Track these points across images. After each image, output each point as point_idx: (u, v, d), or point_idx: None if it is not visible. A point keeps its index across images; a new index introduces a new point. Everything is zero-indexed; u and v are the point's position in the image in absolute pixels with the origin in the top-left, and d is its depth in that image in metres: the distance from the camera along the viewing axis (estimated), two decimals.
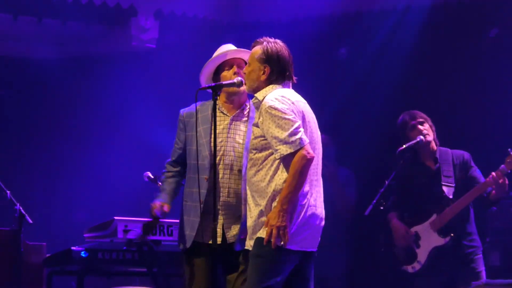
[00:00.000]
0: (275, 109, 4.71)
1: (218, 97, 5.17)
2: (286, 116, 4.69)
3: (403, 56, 8.51)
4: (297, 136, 4.67)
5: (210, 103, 5.29)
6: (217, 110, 5.20)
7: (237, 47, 5.40)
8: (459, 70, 8.57)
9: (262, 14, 9.29)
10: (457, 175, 6.52)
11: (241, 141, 5.23)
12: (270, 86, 4.88)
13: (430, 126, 6.63)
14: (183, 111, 5.41)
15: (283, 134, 4.67)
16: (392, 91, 8.59)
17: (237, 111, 5.31)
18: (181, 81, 8.37)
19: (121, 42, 9.36)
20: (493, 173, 6.26)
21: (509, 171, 6.28)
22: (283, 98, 4.77)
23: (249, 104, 5.34)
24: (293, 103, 4.79)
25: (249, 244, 4.84)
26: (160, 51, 9.33)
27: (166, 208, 5.35)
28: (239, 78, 5.12)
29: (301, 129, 4.72)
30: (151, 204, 5.40)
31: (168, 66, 9.28)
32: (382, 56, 8.69)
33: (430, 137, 6.60)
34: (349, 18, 9.02)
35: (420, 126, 6.59)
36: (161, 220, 6.35)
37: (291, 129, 4.67)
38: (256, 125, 4.82)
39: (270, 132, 4.71)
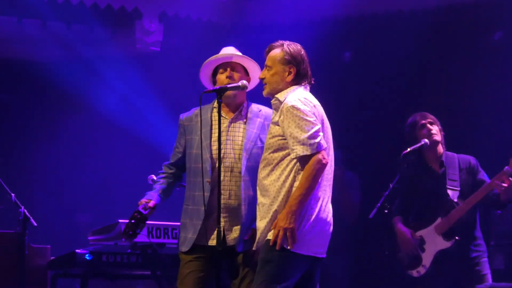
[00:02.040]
0: (298, 109, 4.70)
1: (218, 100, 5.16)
2: (308, 118, 4.69)
3: (408, 59, 8.51)
4: (316, 140, 4.66)
5: (209, 106, 5.33)
6: (215, 113, 5.24)
7: (241, 49, 5.41)
8: (463, 73, 8.57)
9: (266, 17, 9.30)
10: (463, 179, 6.50)
11: (240, 142, 5.23)
12: (291, 87, 4.88)
13: (440, 130, 6.62)
14: (183, 116, 5.42)
15: (302, 135, 4.66)
16: (396, 94, 8.59)
17: (235, 113, 5.31)
18: (185, 83, 8.38)
19: (126, 45, 9.37)
20: (496, 181, 6.24)
21: None
22: (306, 100, 4.77)
23: (246, 105, 5.35)
24: (314, 106, 4.80)
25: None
26: (165, 53, 9.33)
27: (151, 204, 5.28)
28: (244, 82, 5.12)
29: (321, 134, 4.71)
30: (138, 202, 5.34)
31: (173, 69, 9.28)
32: (387, 59, 8.68)
33: (438, 137, 6.58)
34: (353, 21, 9.02)
35: (429, 126, 6.57)
36: (165, 223, 6.38)
37: (311, 132, 4.67)
38: (276, 123, 4.80)
39: (289, 132, 4.70)
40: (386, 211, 6.58)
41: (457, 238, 6.36)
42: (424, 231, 6.51)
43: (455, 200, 6.42)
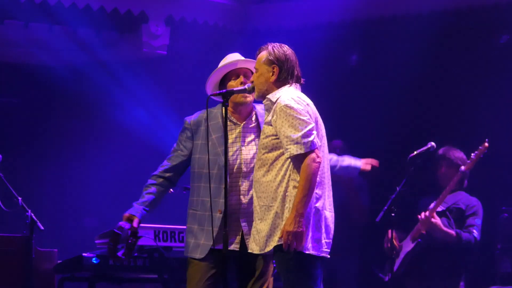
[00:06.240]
0: (291, 108, 4.70)
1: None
2: (301, 117, 4.69)
3: (414, 62, 8.50)
4: (310, 139, 4.66)
5: (217, 111, 5.26)
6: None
7: (247, 54, 5.36)
8: (469, 76, 8.57)
9: (272, 21, 9.30)
10: (451, 206, 6.64)
11: (255, 148, 5.21)
12: (282, 88, 4.86)
13: (455, 173, 6.76)
14: (190, 119, 5.32)
15: (296, 134, 4.65)
16: (403, 97, 8.59)
17: (246, 119, 5.27)
18: (191, 87, 8.38)
19: (132, 49, 9.38)
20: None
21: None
22: (299, 99, 4.76)
23: (256, 112, 5.32)
24: (308, 104, 4.80)
25: (265, 248, 4.78)
26: (171, 57, 9.34)
27: (135, 223, 5.19)
28: (250, 84, 5.03)
29: (315, 132, 4.71)
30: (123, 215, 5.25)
31: (179, 73, 9.30)
32: (393, 62, 8.68)
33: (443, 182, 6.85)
34: (360, 25, 9.03)
35: (441, 170, 6.86)
36: (171, 226, 6.38)
37: (305, 130, 4.66)
38: (269, 123, 4.80)
39: (282, 131, 4.70)
40: (393, 214, 6.60)
41: (419, 240, 6.51)
42: (405, 240, 6.76)
43: (429, 208, 6.61)
